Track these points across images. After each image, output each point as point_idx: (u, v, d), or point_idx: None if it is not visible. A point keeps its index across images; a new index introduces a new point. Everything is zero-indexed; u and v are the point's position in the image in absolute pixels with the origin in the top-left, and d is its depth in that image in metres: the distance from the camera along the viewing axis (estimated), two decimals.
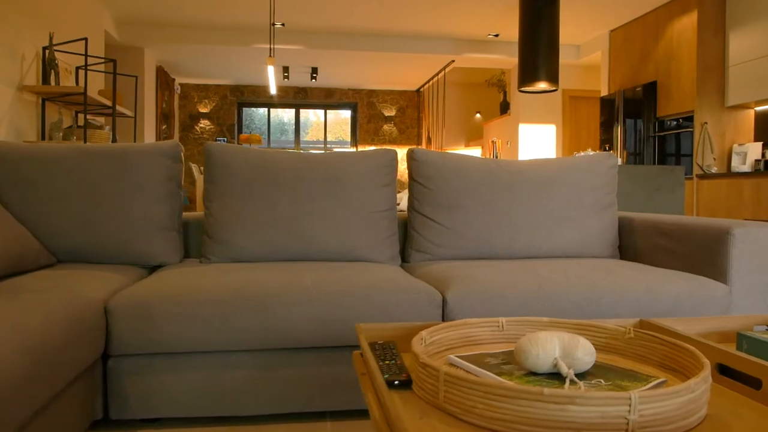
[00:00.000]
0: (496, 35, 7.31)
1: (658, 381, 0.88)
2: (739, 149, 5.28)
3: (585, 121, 8.12)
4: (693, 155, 5.44)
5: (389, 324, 1.18)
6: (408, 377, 0.92)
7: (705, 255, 1.88)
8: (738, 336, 1.11)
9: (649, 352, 1.03)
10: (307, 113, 10.75)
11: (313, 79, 9.31)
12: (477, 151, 9.04)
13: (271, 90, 7.10)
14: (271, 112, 10.61)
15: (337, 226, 2.08)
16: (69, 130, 4.36)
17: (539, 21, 5.08)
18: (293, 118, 10.69)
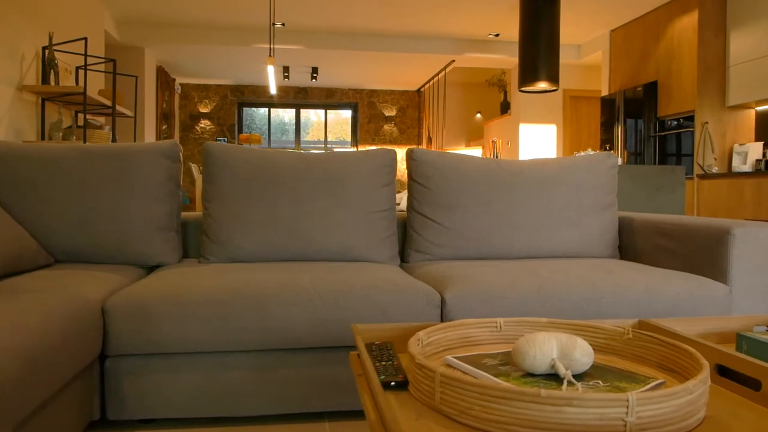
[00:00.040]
0: (497, 35, 7.30)
1: (657, 382, 0.88)
2: (740, 149, 5.27)
3: (585, 121, 8.11)
4: (693, 155, 5.43)
5: (386, 324, 1.18)
6: (404, 378, 0.92)
7: (705, 255, 1.87)
8: (738, 337, 1.10)
9: (647, 353, 1.03)
10: (308, 113, 10.75)
11: (314, 79, 9.31)
12: (477, 151, 9.03)
13: (271, 90, 7.10)
14: (271, 112, 10.61)
15: (336, 226, 2.07)
16: (69, 130, 4.36)
17: (540, 21, 5.07)
18: (294, 118, 10.69)
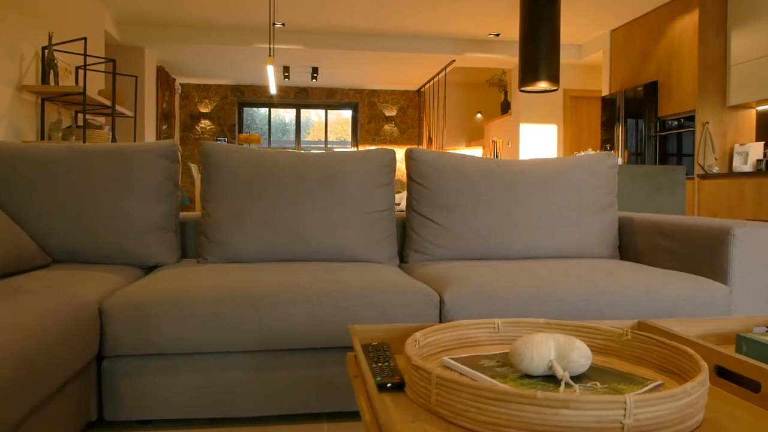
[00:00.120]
0: (497, 35, 7.29)
1: (655, 384, 0.87)
2: (741, 149, 5.26)
3: (586, 120, 8.10)
4: (694, 155, 5.42)
5: (384, 325, 1.17)
6: (401, 380, 0.91)
7: (705, 255, 1.86)
8: (737, 338, 1.09)
9: (646, 354, 1.02)
10: (309, 113, 10.74)
11: (314, 79, 9.30)
12: (478, 151, 9.02)
13: (271, 90, 7.09)
14: (272, 112, 10.61)
15: (335, 226, 2.07)
16: (68, 130, 4.35)
17: (540, 21, 5.07)
18: (294, 118, 10.68)
